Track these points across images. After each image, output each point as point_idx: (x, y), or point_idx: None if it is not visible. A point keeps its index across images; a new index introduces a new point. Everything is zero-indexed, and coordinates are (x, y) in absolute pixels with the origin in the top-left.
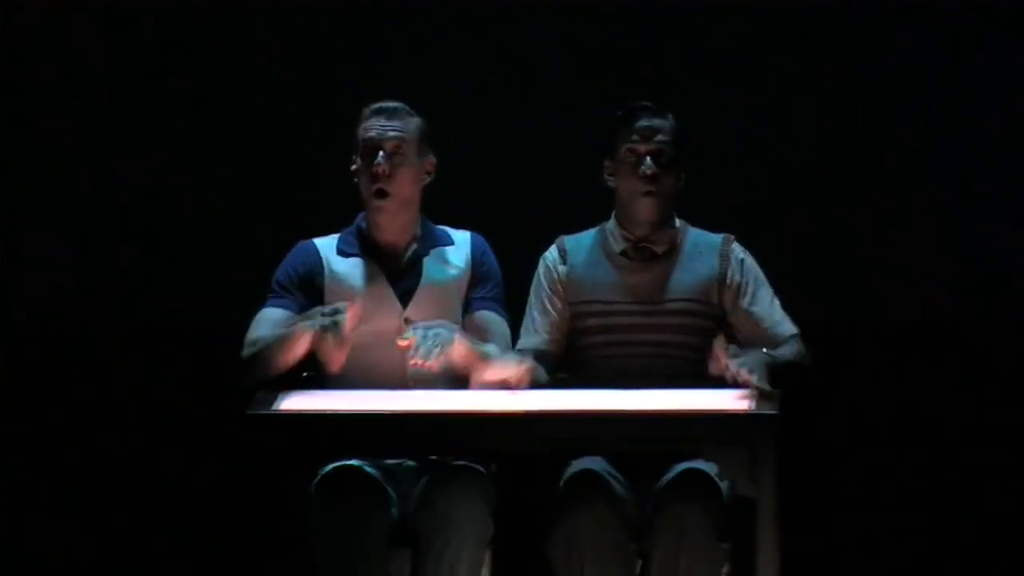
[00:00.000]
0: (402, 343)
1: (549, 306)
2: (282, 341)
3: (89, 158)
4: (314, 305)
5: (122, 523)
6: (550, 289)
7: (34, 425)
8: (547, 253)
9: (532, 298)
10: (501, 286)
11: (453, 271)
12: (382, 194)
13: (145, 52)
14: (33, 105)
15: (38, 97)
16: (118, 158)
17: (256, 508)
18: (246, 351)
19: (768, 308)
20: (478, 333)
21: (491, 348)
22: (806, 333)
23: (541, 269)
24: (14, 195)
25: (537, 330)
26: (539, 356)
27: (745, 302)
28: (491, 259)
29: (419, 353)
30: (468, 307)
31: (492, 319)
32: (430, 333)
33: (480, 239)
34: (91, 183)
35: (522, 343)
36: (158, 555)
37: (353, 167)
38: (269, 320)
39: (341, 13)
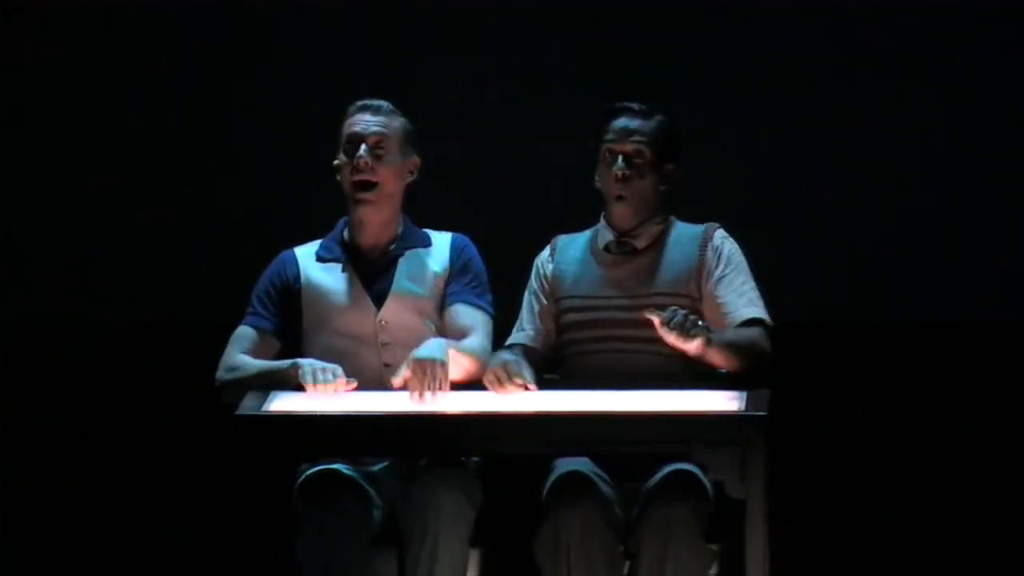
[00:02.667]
0: (397, 382)
1: (536, 304)
2: (266, 377)
3: (88, 157)
4: (292, 318)
5: (117, 523)
6: (538, 287)
7: (32, 425)
8: (540, 253)
9: (526, 296)
10: (482, 280)
11: (429, 274)
12: (365, 186)
13: (146, 52)
14: (33, 104)
15: (38, 96)
16: (117, 157)
17: (246, 509)
18: (224, 375)
19: (734, 294)
20: (455, 324)
21: (470, 343)
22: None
23: (533, 270)
24: (12, 194)
25: (524, 327)
26: (525, 352)
27: (711, 286)
28: (471, 255)
29: (422, 389)
30: (446, 300)
31: (465, 311)
32: (426, 366)
33: (461, 238)
34: (90, 181)
35: (512, 339)
36: (151, 555)
37: (336, 162)
38: (245, 340)
39: (338, 15)
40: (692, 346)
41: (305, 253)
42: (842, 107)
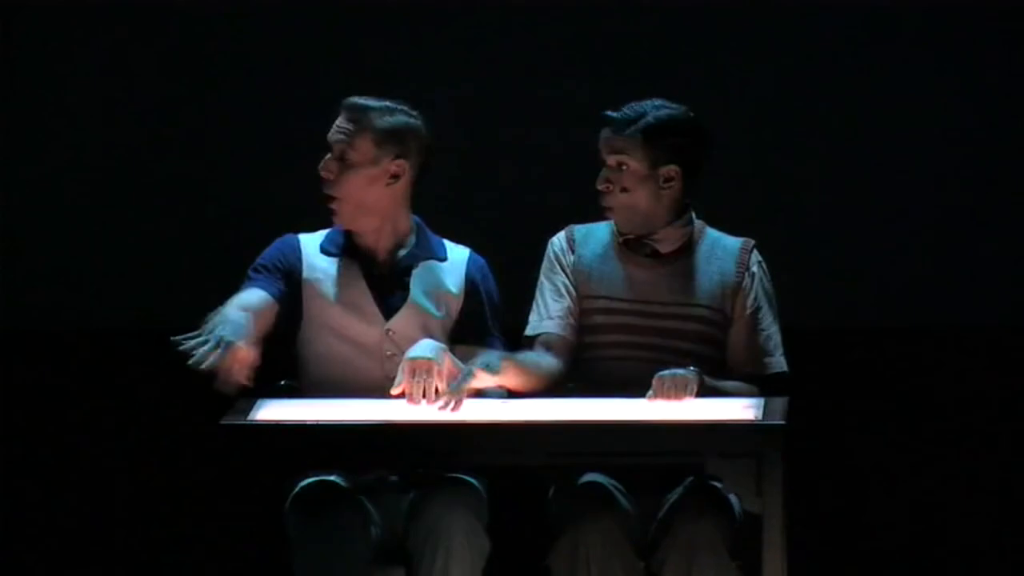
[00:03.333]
0: (395, 391)
1: (563, 290)
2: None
3: (82, 158)
4: (294, 297)
5: (104, 534)
6: (563, 273)
7: (18, 432)
8: (555, 239)
9: (543, 282)
10: (498, 311)
11: (442, 293)
12: (327, 197)
13: (138, 54)
14: (27, 107)
15: (31, 99)
16: (109, 160)
17: (234, 521)
18: (217, 315)
19: (761, 338)
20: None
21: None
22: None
23: (550, 253)
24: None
25: (551, 315)
26: (555, 343)
27: (743, 318)
28: (488, 282)
29: (416, 391)
30: (462, 335)
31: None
32: (419, 366)
33: (479, 260)
34: (83, 184)
35: (533, 328)
36: (137, 567)
37: None
38: (247, 300)
39: (332, 12)
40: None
41: (309, 242)
42: (863, 107)
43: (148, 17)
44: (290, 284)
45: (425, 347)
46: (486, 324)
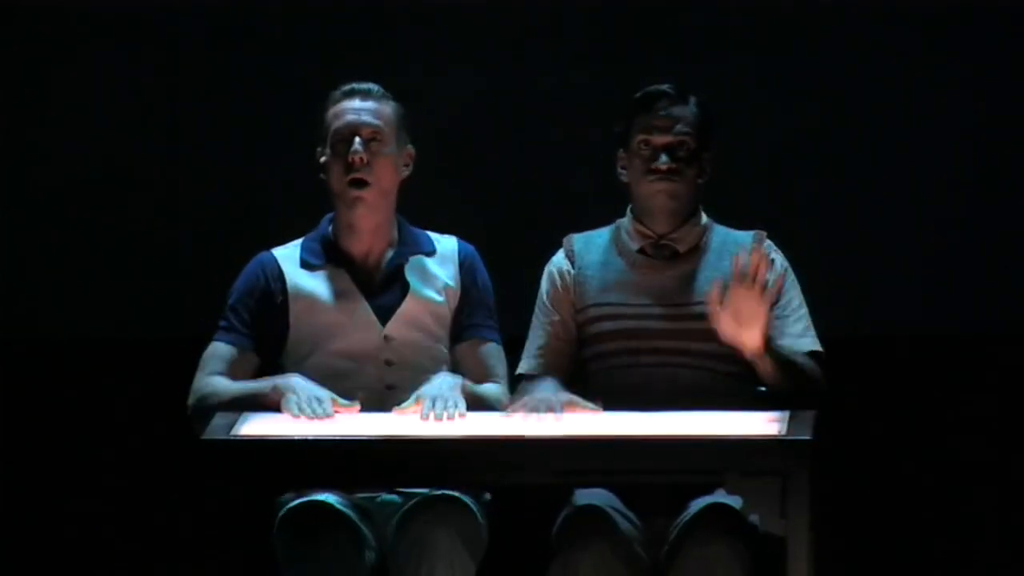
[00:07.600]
0: (400, 412)
1: (548, 324)
2: (245, 402)
3: (72, 166)
4: (275, 329)
5: (78, 557)
6: (550, 302)
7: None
8: (553, 261)
9: (536, 313)
10: (492, 303)
11: (439, 286)
12: (360, 184)
13: (113, 53)
14: (15, 113)
15: (21, 105)
16: (101, 168)
17: (217, 543)
18: (196, 403)
19: (790, 319)
20: (477, 366)
21: (490, 388)
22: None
23: (545, 279)
24: None
25: (535, 353)
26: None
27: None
28: (482, 273)
29: (432, 418)
30: (462, 333)
31: (492, 352)
32: (438, 400)
33: (468, 248)
34: (67, 191)
35: (521, 367)
36: None
37: (322, 159)
38: (220, 360)
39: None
40: (751, 340)
41: (286, 256)
42: (893, 104)
43: (139, 23)
44: (269, 312)
45: (441, 385)
46: (487, 327)
